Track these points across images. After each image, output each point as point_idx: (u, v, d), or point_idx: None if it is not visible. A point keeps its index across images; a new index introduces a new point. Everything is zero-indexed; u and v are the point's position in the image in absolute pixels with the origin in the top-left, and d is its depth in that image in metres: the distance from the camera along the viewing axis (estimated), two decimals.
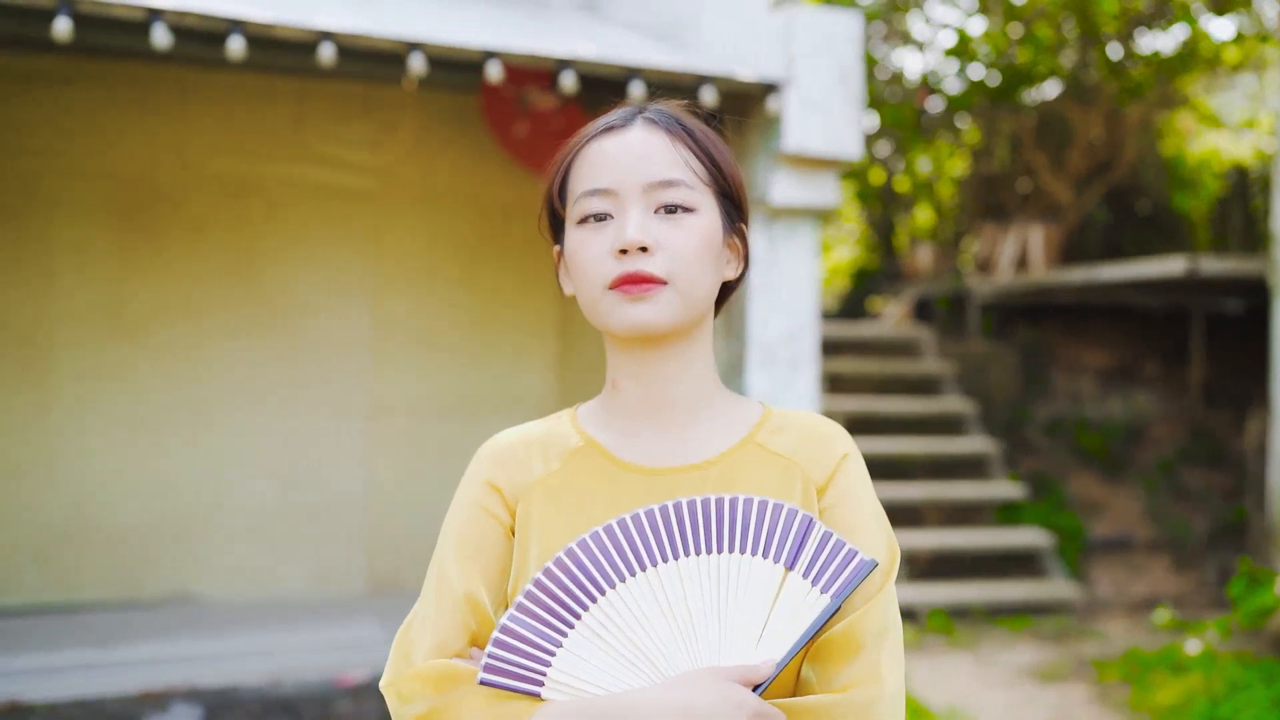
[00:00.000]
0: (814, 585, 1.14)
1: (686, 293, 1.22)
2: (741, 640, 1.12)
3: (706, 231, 1.23)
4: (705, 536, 1.15)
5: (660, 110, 1.29)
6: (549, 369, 6.98)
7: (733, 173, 1.29)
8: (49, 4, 3.47)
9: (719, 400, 1.30)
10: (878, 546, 1.22)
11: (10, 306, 5.87)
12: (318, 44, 3.81)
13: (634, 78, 4.31)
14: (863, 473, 1.28)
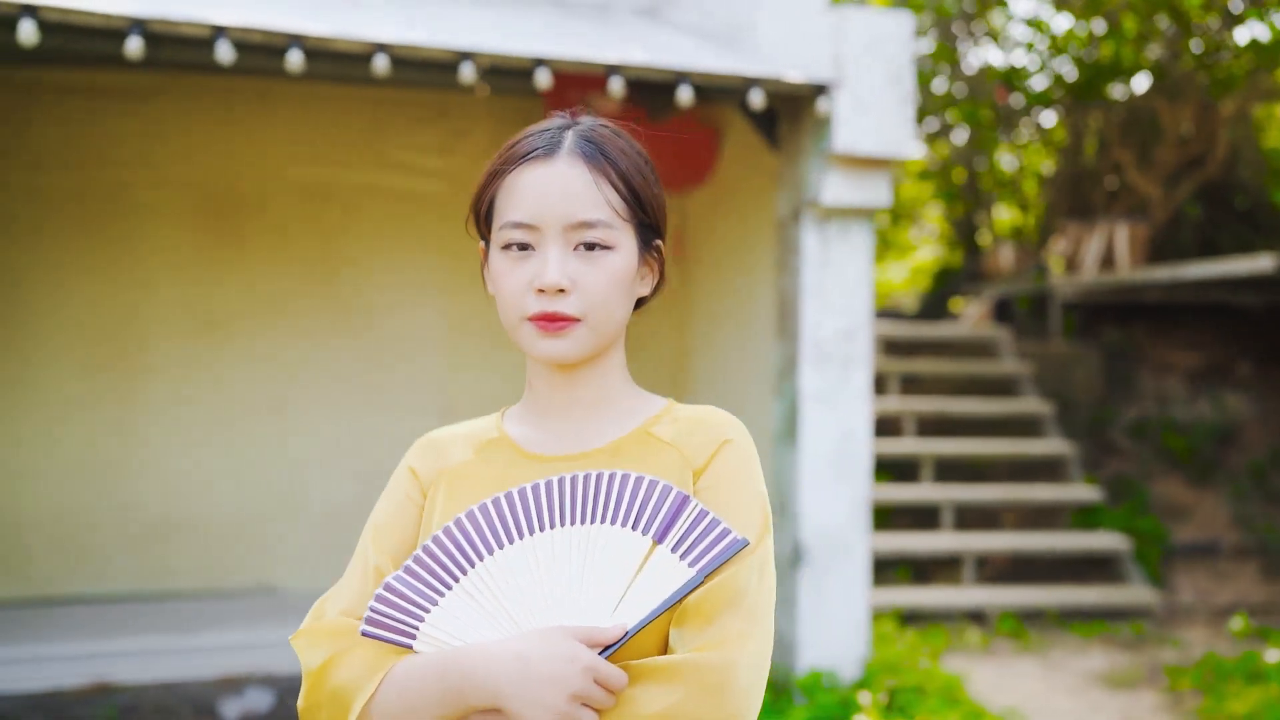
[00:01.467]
0: (682, 559, 1.20)
1: (597, 328, 1.32)
2: (599, 605, 1.18)
3: (621, 267, 1.32)
4: (581, 508, 1.23)
5: (586, 136, 1.35)
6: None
7: (651, 197, 1.37)
8: (122, 24, 3.68)
9: (625, 399, 1.40)
10: (749, 524, 1.28)
11: (104, 309, 6.18)
12: (372, 55, 3.97)
13: (682, 82, 4.38)
14: (745, 458, 1.34)
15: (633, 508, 1.23)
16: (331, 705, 1.21)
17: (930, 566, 7.30)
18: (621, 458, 1.33)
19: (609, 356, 1.39)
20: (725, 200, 5.87)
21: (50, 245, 6.12)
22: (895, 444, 7.58)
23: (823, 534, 4.85)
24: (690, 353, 6.24)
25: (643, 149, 1.40)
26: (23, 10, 3.56)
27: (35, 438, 6.10)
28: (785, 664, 4.94)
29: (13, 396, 6.07)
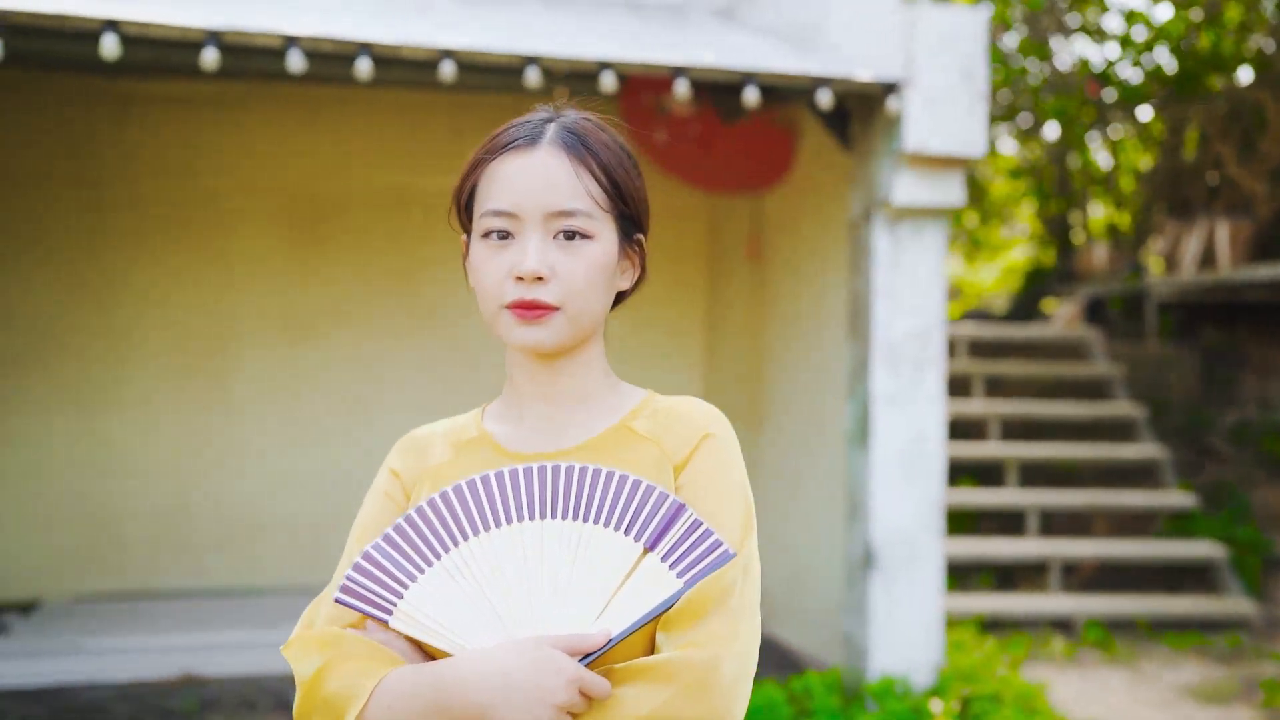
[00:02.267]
0: (671, 569, 1.19)
1: (576, 317, 1.33)
2: (583, 609, 1.17)
3: (600, 257, 1.33)
4: (574, 504, 1.22)
5: (569, 128, 1.36)
6: (696, 370, 7.07)
7: (632, 190, 1.37)
8: (198, 36, 3.80)
9: (604, 392, 1.40)
10: (732, 522, 1.27)
11: (196, 313, 6.38)
12: (439, 62, 4.03)
13: (749, 83, 4.37)
14: (725, 452, 1.33)
15: (627, 511, 1.22)
16: (324, 715, 1.21)
17: (1014, 573, 7.15)
18: (601, 454, 1.32)
19: (588, 349, 1.39)
20: (800, 201, 5.82)
21: (145, 252, 6.34)
22: (979, 447, 7.44)
23: (894, 537, 4.79)
24: (765, 355, 6.21)
25: (626, 143, 1.40)
26: (105, 25, 3.70)
27: (133, 436, 6.32)
28: (857, 668, 4.89)
29: (112, 397, 6.30)
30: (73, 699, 4.78)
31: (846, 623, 5.00)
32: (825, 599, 5.37)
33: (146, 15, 3.77)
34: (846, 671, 4.96)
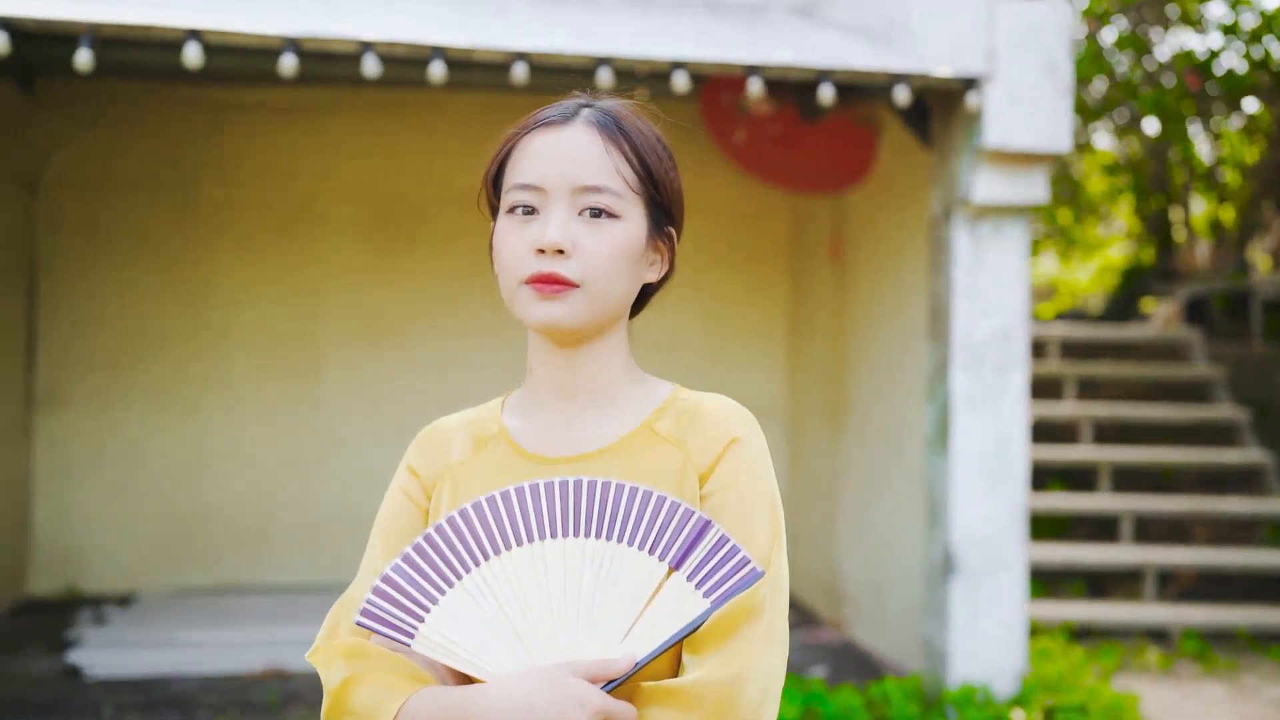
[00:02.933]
0: (697, 588, 1.15)
1: (597, 297, 1.27)
2: (608, 631, 1.14)
3: (626, 238, 1.28)
4: (597, 520, 1.17)
5: (604, 110, 1.33)
6: (778, 371, 7.02)
7: (665, 178, 1.33)
8: (276, 43, 3.88)
9: (626, 387, 1.34)
10: (758, 537, 1.23)
11: (285, 314, 6.52)
12: (512, 64, 4.06)
13: (824, 80, 4.31)
14: (754, 458, 1.27)
15: (651, 530, 1.17)
16: None
17: (1107, 580, 6.95)
18: (622, 458, 1.27)
19: (608, 339, 1.33)
20: (881, 200, 5.74)
21: (237, 254, 6.51)
22: (1070, 451, 7.25)
23: (975, 542, 4.69)
24: (846, 356, 6.14)
25: (661, 134, 1.36)
26: (188, 34, 3.80)
27: (223, 435, 6.49)
28: (937, 675, 4.80)
29: (204, 396, 6.48)
30: (163, 689, 4.92)
31: (926, 628, 4.91)
32: (906, 603, 5.28)
33: (227, 24, 3.86)
34: (926, 678, 4.87)
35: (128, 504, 6.40)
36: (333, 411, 6.57)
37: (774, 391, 7.01)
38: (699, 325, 6.92)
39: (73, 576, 6.34)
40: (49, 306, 6.35)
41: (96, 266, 6.38)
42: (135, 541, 6.38)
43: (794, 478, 6.95)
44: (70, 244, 6.38)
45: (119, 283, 6.41)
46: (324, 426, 6.58)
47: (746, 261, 6.96)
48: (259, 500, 6.48)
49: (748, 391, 6.96)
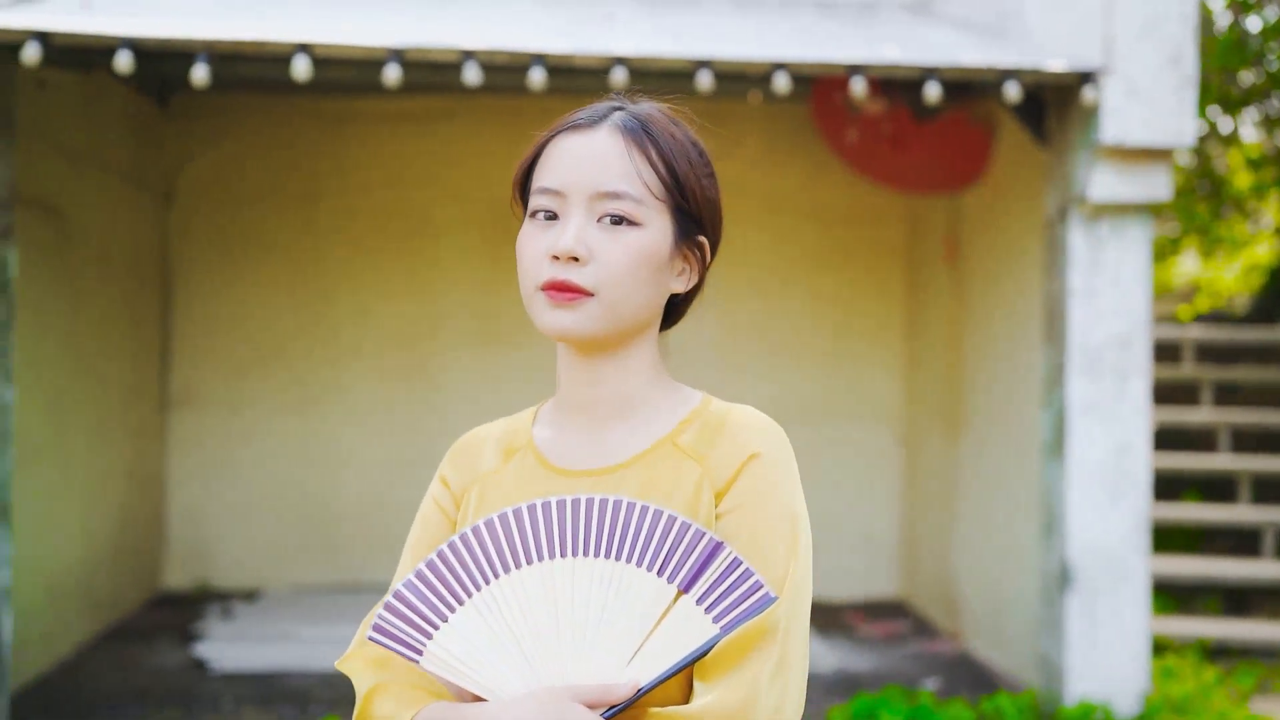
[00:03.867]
0: (707, 613, 1.12)
1: (611, 306, 1.24)
2: (613, 655, 1.12)
3: (645, 246, 1.24)
4: (607, 540, 1.15)
5: (634, 114, 1.30)
6: (895, 376, 6.88)
7: (695, 185, 1.28)
8: (381, 54, 3.97)
9: (653, 398, 1.30)
10: (773, 558, 1.18)
11: (404, 317, 6.67)
12: (610, 69, 4.06)
13: (930, 78, 4.21)
14: (773, 473, 1.22)
15: (661, 550, 1.13)
16: None
17: (1248, 596, 6.60)
18: (643, 473, 1.24)
19: (633, 350, 1.29)
20: (997, 200, 5.58)
21: (359, 260, 6.68)
22: (1206, 459, 6.92)
23: (1094, 555, 4.51)
24: (963, 360, 5.98)
25: (697, 140, 1.32)
26: (298, 48, 3.91)
27: (345, 436, 6.67)
28: (1053, 691, 4.63)
29: (329, 398, 6.67)
30: (283, 684, 5.07)
31: (1043, 642, 4.74)
32: (1022, 616, 5.11)
33: (334, 38, 3.97)
34: (1042, 694, 4.71)
35: (255, 502, 6.63)
36: (450, 414, 6.69)
37: (890, 396, 6.88)
38: (814, 329, 6.83)
39: (204, 572, 6.60)
40: (183, 312, 6.63)
41: (227, 273, 6.63)
42: (261, 539, 6.61)
43: (909, 484, 6.81)
44: (202, 252, 6.65)
45: (247, 289, 6.64)
46: (442, 429, 6.70)
47: (862, 264, 6.84)
48: (379, 500, 6.64)
49: (864, 394, 6.84)
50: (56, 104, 5.06)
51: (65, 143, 5.24)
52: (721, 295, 6.77)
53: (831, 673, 5.42)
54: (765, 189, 6.81)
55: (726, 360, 6.78)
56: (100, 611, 5.72)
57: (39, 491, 4.96)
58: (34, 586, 4.93)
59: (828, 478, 6.82)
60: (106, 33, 3.83)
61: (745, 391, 6.76)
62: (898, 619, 6.39)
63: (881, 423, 6.88)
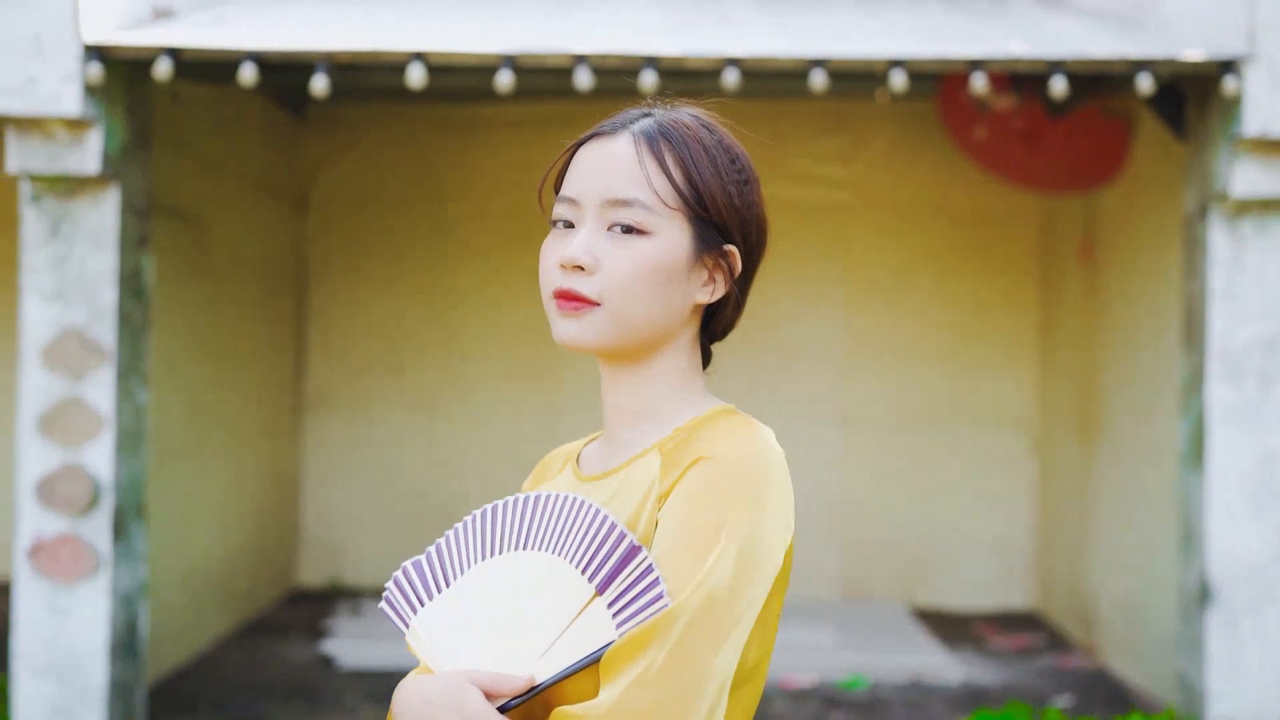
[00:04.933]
0: (614, 617, 1.12)
1: (618, 316, 1.22)
2: (531, 646, 1.15)
3: (655, 256, 1.21)
4: (550, 534, 1.18)
5: (658, 120, 1.27)
6: (1027, 380, 6.65)
7: (717, 193, 1.24)
8: (494, 60, 4.01)
9: (671, 408, 1.27)
10: (685, 567, 1.12)
11: (526, 320, 6.74)
12: (723, 70, 4.02)
13: (1056, 71, 4.04)
14: (717, 480, 1.15)
15: (589, 547, 1.15)
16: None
17: None
18: (620, 478, 1.24)
19: (656, 361, 1.26)
20: (1135, 198, 5.34)
21: (482, 264, 6.79)
22: None
23: (1236, 570, 4.26)
24: (1098, 365, 5.74)
25: (731, 146, 1.28)
26: (413, 56, 3.98)
27: (472, 438, 6.78)
28: (1193, 713, 4.39)
29: (456, 399, 6.79)
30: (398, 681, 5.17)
31: (1182, 661, 4.51)
32: (1161, 632, 4.87)
33: (448, 45, 4.02)
34: (1180, 715, 4.47)
35: (384, 502, 6.78)
36: (573, 415, 6.73)
37: (1023, 401, 6.65)
38: (943, 332, 6.65)
39: (336, 570, 6.78)
40: (317, 316, 6.83)
41: (358, 278, 6.80)
42: (390, 538, 6.76)
43: (1043, 492, 6.57)
44: (336, 258, 6.84)
45: (378, 293, 6.81)
46: (565, 430, 6.74)
47: (993, 266, 6.64)
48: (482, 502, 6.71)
49: (994, 401, 6.64)
50: (193, 116, 5.27)
51: (203, 153, 5.45)
52: (843, 299, 6.65)
53: (957, 685, 5.26)
54: (892, 190, 6.67)
55: (851, 365, 6.66)
56: (237, 607, 5.93)
57: (178, 490, 5.17)
58: (174, 582, 5.14)
59: (957, 485, 6.64)
60: (231, 47, 3.96)
61: (871, 397, 6.63)
62: (1030, 632, 6.17)
63: (1013, 429, 6.66)
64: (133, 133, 4.25)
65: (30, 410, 4.15)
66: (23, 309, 4.17)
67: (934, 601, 6.61)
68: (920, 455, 6.63)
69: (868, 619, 6.22)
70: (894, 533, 6.64)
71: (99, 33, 3.97)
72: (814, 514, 6.62)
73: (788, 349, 6.66)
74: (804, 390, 6.68)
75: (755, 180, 1.30)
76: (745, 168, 1.28)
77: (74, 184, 4.11)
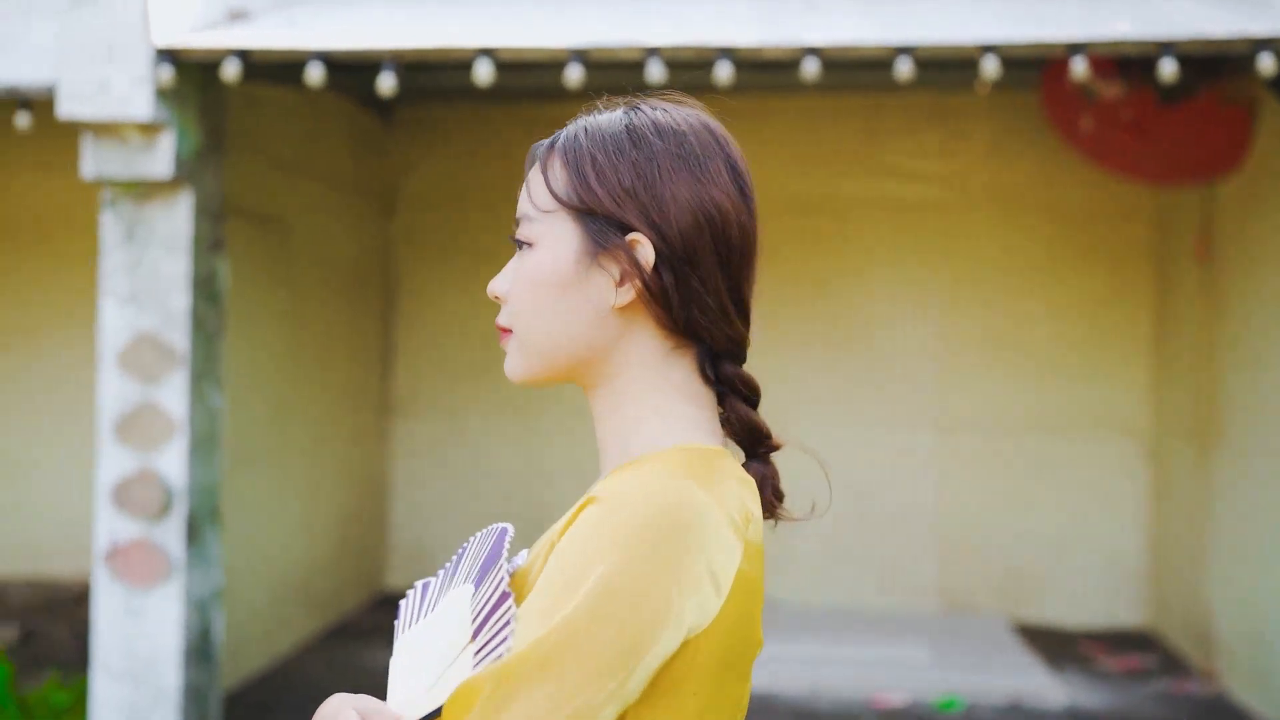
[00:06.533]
0: (474, 666, 1.01)
1: (522, 339, 1.12)
2: (420, 680, 1.08)
3: (537, 265, 1.10)
4: (479, 568, 1.10)
5: (566, 128, 1.15)
6: (1140, 385, 6.28)
7: (593, 180, 1.08)
8: (563, 56, 3.88)
9: (641, 440, 1.10)
10: (532, 624, 0.97)
11: None
12: (801, 61, 3.82)
13: (1165, 53, 3.75)
14: (598, 525, 0.99)
15: (484, 588, 1.06)
16: None
17: None
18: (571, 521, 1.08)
19: (609, 387, 1.11)
20: (1257, 190, 4.97)
21: None
22: None
23: None
24: (1218, 369, 5.36)
25: (640, 131, 1.10)
26: (480, 53, 3.87)
27: (559, 443, 6.67)
28: None
29: (544, 402, 6.70)
30: None
31: None
32: None
33: (516, 41, 3.91)
34: None
35: (474, 505, 6.72)
36: None
37: (1134, 407, 6.28)
38: (1049, 335, 6.32)
39: (425, 573, 6.73)
40: (405, 319, 6.80)
41: (446, 280, 6.75)
42: None
43: (1158, 503, 6.20)
44: (423, 260, 6.80)
45: (466, 295, 6.74)
46: None
47: (1103, 264, 6.28)
48: None
49: (1103, 407, 6.28)
50: (274, 119, 5.26)
51: (285, 157, 5.43)
52: (940, 299, 6.37)
53: (1061, 709, 4.96)
54: (993, 185, 6.36)
55: (949, 370, 6.38)
56: (321, 611, 5.92)
57: (259, 494, 5.16)
58: (255, 586, 5.13)
59: (1064, 495, 6.30)
60: (297, 47, 3.90)
61: (970, 403, 6.34)
62: (1143, 652, 5.81)
63: (1125, 436, 6.29)
64: (206, 136, 4.22)
65: (108, 414, 4.16)
66: (100, 314, 4.18)
67: (1038, 617, 6.29)
68: (1024, 464, 6.32)
69: (965, 635, 5.93)
70: (995, 544, 6.34)
71: (170, 36, 3.95)
72: (909, 523, 6.36)
73: (882, 353, 6.41)
74: (899, 396, 6.41)
75: (684, 157, 1.09)
76: (651, 148, 1.09)
77: (147, 188, 4.11)
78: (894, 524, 6.39)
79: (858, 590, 6.39)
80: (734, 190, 1.13)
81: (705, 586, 0.98)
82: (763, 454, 1.19)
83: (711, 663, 1.00)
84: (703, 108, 1.20)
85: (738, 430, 1.17)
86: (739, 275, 1.14)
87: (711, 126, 1.17)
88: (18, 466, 6.41)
